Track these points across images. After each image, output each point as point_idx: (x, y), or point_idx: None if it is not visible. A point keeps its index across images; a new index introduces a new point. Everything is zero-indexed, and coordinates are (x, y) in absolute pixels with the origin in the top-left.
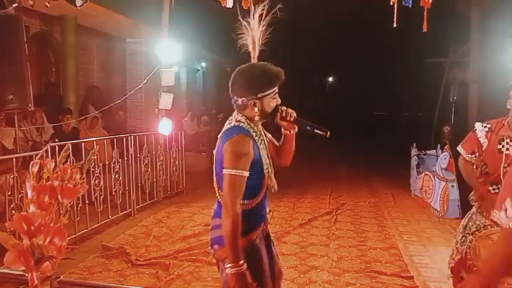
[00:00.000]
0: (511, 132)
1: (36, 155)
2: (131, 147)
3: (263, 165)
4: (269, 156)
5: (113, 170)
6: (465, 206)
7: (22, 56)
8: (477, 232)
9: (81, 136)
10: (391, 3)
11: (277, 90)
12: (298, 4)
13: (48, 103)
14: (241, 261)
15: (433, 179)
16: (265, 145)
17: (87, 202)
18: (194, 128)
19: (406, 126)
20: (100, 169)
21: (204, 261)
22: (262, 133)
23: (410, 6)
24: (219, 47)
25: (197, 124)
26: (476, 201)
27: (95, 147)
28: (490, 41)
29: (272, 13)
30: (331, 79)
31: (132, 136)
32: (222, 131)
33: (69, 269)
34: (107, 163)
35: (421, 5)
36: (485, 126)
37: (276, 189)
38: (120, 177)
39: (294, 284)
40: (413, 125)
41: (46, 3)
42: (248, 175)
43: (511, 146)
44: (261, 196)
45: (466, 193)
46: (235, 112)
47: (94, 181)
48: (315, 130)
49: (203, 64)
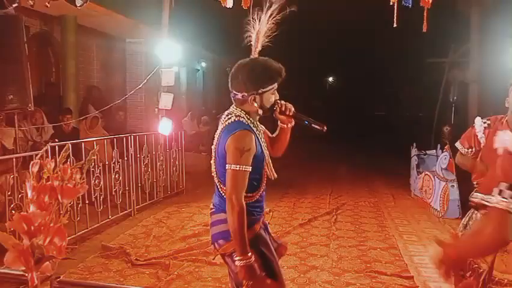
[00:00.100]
0: (510, 130)
1: (36, 155)
2: (131, 147)
3: (265, 158)
4: (267, 148)
5: (113, 170)
6: (465, 206)
7: (22, 56)
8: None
9: (81, 136)
10: (391, 3)
11: (276, 86)
12: (298, 4)
13: (48, 103)
14: (249, 253)
15: (433, 179)
16: (263, 138)
17: (87, 202)
18: (194, 128)
19: (406, 126)
20: (100, 169)
21: (204, 261)
22: (259, 126)
23: (410, 6)
24: (219, 47)
25: (197, 124)
26: (476, 178)
27: (95, 147)
28: (490, 41)
29: (284, 13)
30: (331, 79)
31: (132, 136)
32: (223, 126)
33: (69, 269)
34: (107, 163)
35: (421, 5)
36: (484, 122)
37: (276, 176)
38: (120, 177)
39: (294, 284)
40: (413, 125)
41: (46, 3)
42: (250, 169)
43: None
44: (262, 188)
45: (466, 193)
46: (232, 106)
47: (94, 181)
48: (312, 125)
49: (203, 64)
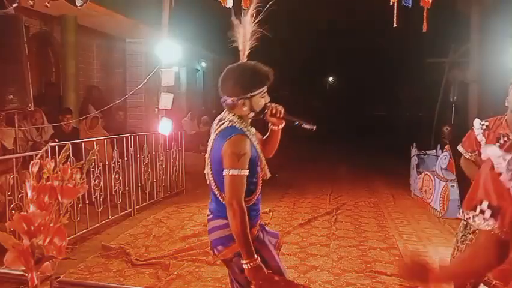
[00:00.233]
0: (509, 130)
1: (36, 155)
2: (131, 147)
3: (260, 161)
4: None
5: (113, 170)
6: None
7: (22, 56)
8: (477, 231)
9: (81, 136)
10: (391, 3)
11: (266, 89)
12: (298, 4)
13: (48, 103)
14: (255, 255)
15: (433, 179)
16: (256, 141)
17: (87, 202)
18: (194, 128)
19: (406, 126)
20: (100, 169)
21: (204, 261)
22: (251, 129)
23: (410, 6)
24: (219, 47)
25: (197, 124)
26: None
27: (95, 147)
28: (490, 41)
29: (264, 11)
30: (331, 79)
31: (132, 136)
32: (216, 132)
33: (69, 269)
34: (107, 163)
35: (421, 5)
36: (482, 124)
37: (269, 175)
38: (120, 177)
39: None
40: (413, 125)
41: (46, 3)
42: (248, 173)
43: None
44: (259, 191)
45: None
46: (225, 111)
47: (94, 181)
48: (303, 125)
49: (203, 64)
